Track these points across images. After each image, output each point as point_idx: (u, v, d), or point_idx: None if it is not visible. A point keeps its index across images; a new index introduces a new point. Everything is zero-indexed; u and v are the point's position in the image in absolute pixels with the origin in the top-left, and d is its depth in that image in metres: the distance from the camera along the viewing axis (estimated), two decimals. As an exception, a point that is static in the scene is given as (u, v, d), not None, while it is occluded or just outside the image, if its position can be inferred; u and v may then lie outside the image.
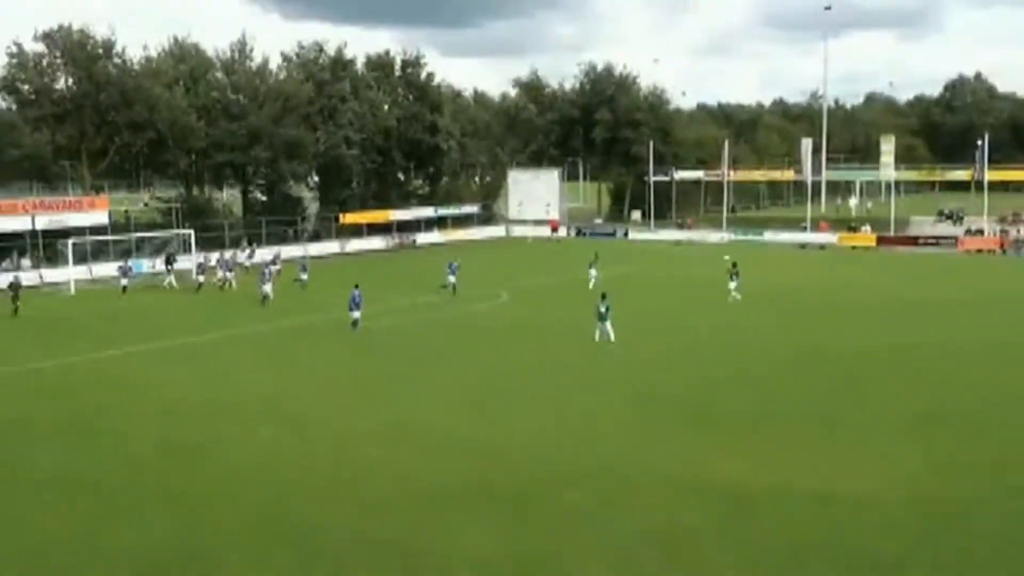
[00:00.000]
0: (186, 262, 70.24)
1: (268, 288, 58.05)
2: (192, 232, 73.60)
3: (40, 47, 79.23)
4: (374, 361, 41.69)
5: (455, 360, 41.61)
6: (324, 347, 44.93)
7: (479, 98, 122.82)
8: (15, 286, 56.02)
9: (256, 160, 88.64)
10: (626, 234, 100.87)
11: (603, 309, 43.37)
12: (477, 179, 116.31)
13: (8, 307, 54.18)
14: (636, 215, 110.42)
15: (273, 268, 63.41)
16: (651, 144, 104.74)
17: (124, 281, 64.53)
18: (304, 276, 64.75)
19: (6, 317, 53.57)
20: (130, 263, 67.78)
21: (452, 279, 60.96)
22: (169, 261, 69.16)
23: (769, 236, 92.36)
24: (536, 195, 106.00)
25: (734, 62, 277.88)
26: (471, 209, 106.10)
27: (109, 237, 72.96)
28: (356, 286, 49.55)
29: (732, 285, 55.85)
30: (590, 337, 43.98)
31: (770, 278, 64.90)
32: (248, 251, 79.41)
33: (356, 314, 47.91)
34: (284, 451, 29.32)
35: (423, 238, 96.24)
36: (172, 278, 67.21)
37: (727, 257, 58.17)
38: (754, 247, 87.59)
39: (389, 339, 46.44)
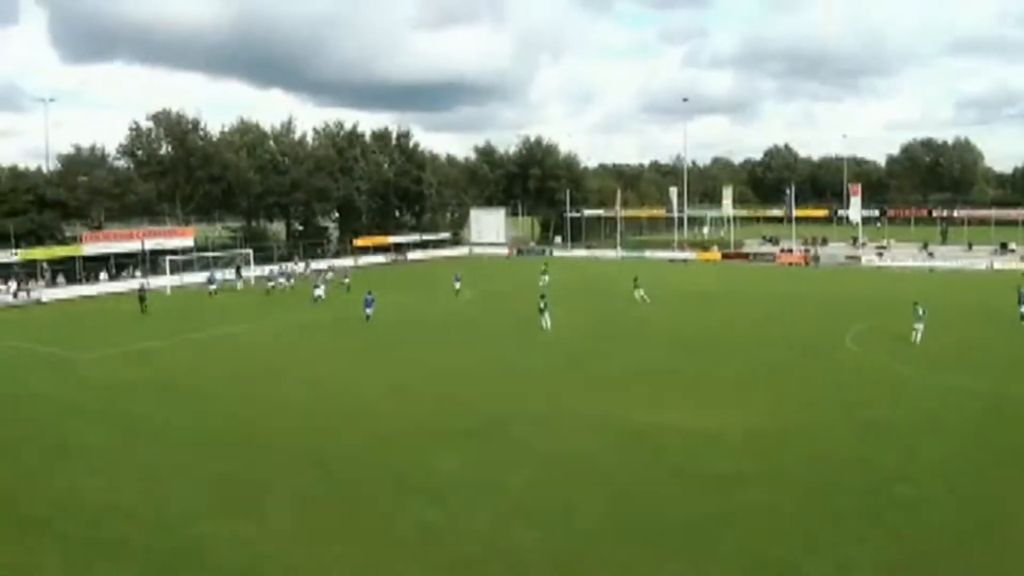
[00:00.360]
0: (248, 271, 70.22)
1: (321, 291, 56.76)
2: (251, 252, 73.45)
3: (150, 124, 79.82)
4: (381, 342, 40.88)
5: (438, 340, 41.40)
6: (348, 332, 43.97)
7: (451, 160, 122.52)
8: (142, 291, 55.35)
9: (295, 202, 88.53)
10: (551, 252, 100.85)
11: (542, 305, 42.80)
12: (449, 214, 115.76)
13: (137, 305, 53.45)
14: (558, 239, 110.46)
15: (329, 276, 64.29)
16: (568, 191, 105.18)
17: (212, 287, 63.06)
18: (347, 281, 64.67)
19: (136, 313, 52.74)
20: (215, 272, 67.06)
21: (457, 285, 59.85)
22: (239, 271, 69.13)
23: (649, 254, 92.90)
24: (489, 226, 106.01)
25: (623, 136, 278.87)
26: (445, 235, 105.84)
27: (194, 255, 72.62)
28: (369, 291, 49.30)
29: (639, 293, 53.13)
30: (535, 323, 43.02)
31: (653, 281, 64.11)
32: (304, 264, 79.04)
33: (369, 311, 46.80)
34: (313, 402, 29.25)
35: (412, 255, 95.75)
36: (240, 282, 67.09)
37: (636, 277, 56.69)
38: (639, 262, 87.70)
39: (393, 327, 45.42)
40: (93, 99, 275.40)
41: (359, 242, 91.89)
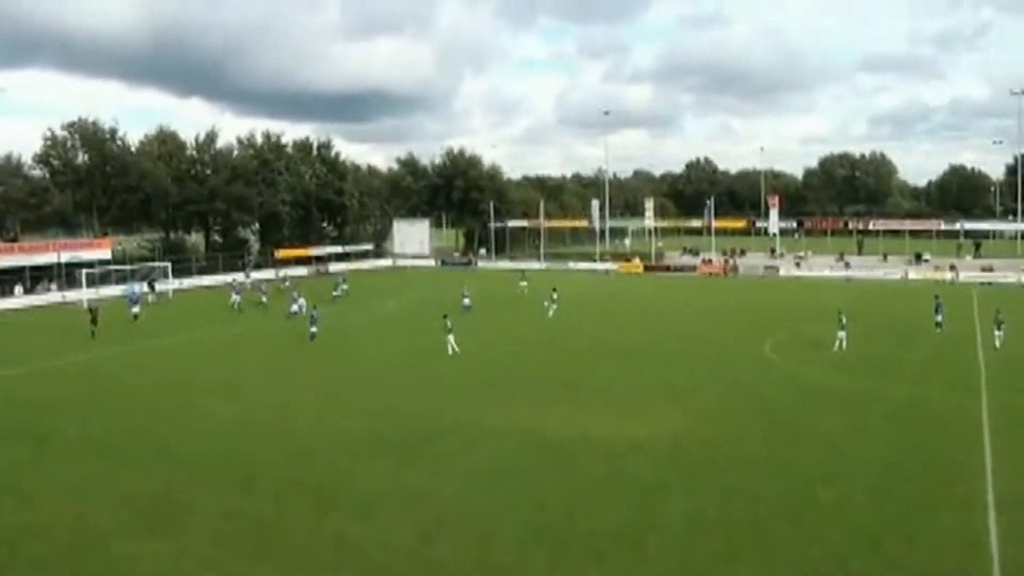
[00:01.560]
0: (164, 284, 68.93)
1: (297, 306, 52.91)
2: (169, 264, 71.74)
3: (65, 133, 77.98)
4: (310, 353, 40.57)
5: (362, 350, 40.93)
6: (281, 345, 43.24)
7: (373, 171, 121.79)
8: (93, 308, 50.19)
9: (214, 211, 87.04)
10: (476, 264, 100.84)
11: (449, 324, 39.97)
12: (371, 226, 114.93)
13: (84, 321, 49.76)
14: (483, 251, 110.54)
15: (285, 285, 64.27)
16: (492, 203, 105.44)
17: (134, 308, 54.75)
18: (345, 287, 64.88)
19: (56, 327, 50.94)
20: (134, 286, 64.44)
21: (467, 301, 55.69)
22: (151, 284, 67.50)
23: (572, 265, 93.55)
24: (413, 237, 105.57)
25: (545, 148, 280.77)
26: (367, 247, 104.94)
27: (111, 267, 70.72)
28: (315, 306, 47.95)
29: (552, 306, 53.26)
30: (459, 338, 42.19)
31: (574, 293, 64.16)
32: (245, 273, 77.87)
33: (314, 329, 44.18)
34: (238, 416, 28.64)
35: (334, 267, 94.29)
36: (153, 296, 65.52)
37: (554, 289, 56.27)
38: (562, 273, 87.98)
39: (323, 337, 44.67)
40: (8, 106, 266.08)
41: (281, 253, 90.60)
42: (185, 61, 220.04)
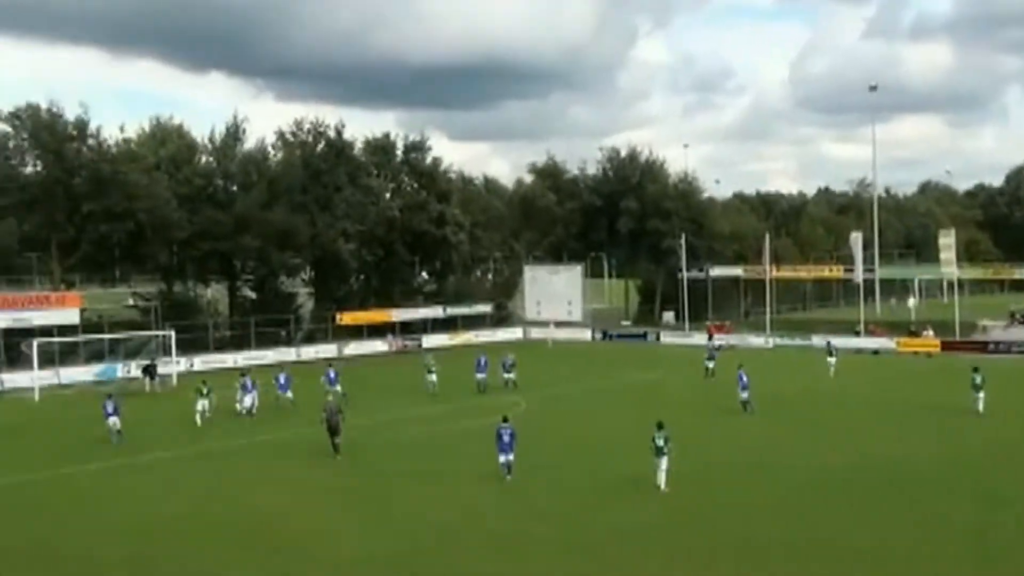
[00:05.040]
0: (166, 366, 69.74)
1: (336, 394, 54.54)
2: (173, 333, 72.32)
3: (5, 127, 78.76)
4: (360, 480, 40.69)
5: (449, 487, 39.22)
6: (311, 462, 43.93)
7: (491, 185, 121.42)
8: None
9: (244, 250, 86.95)
10: (658, 337, 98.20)
11: (660, 442, 38.53)
12: (490, 275, 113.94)
13: None
14: (668, 316, 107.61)
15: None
16: (683, 237, 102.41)
17: (112, 420, 49.57)
18: (433, 377, 63.49)
19: None
20: (114, 366, 65.59)
21: (510, 376, 63.59)
22: (149, 368, 68.02)
23: (817, 341, 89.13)
24: (556, 293, 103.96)
25: (770, 146, 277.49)
26: (483, 308, 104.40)
27: (80, 338, 71.84)
28: (339, 408, 46.77)
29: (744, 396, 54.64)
30: (630, 461, 41.28)
31: (818, 388, 63.61)
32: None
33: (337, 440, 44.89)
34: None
35: (429, 340, 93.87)
36: (151, 384, 66.55)
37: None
38: (800, 352, 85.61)
39: (381, 455, 45.12)
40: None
41: (345, 318, 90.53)
42: (199, 15, 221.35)
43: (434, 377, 62.90)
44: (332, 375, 59.55)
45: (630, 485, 38.07)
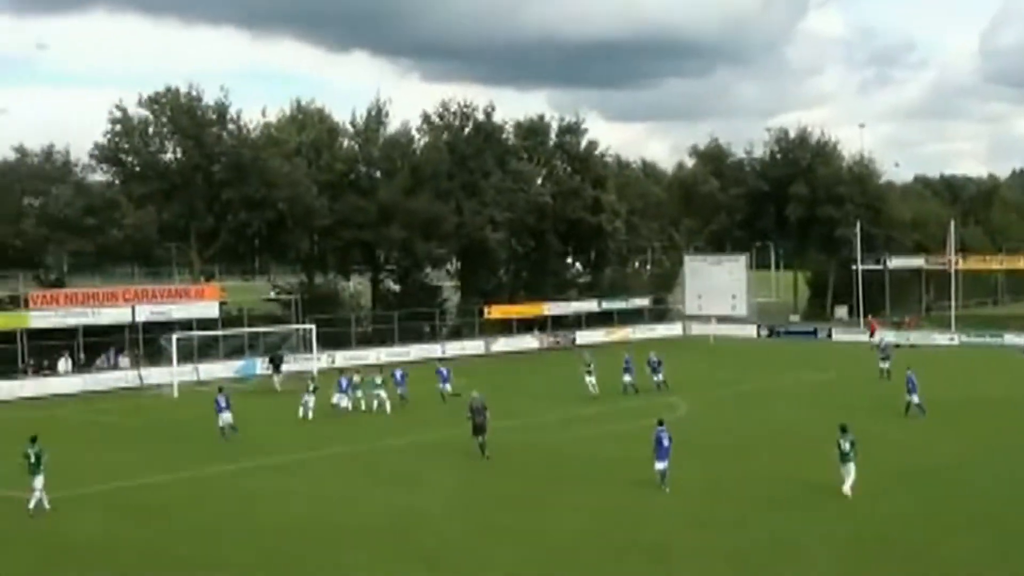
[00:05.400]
0: (296, 363, 70.99)
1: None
2: (314, 327, 73.18)
3: (145, 112, 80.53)
4: (509, 484, 40.42)
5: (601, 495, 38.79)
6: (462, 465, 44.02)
7: (649, 169, 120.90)
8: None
9: (387, 239, 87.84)
10: (829, 335, 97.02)
11: (846, 447, 37.81)
12: (648, 266, 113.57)
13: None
14: (841, 312, 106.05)
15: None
16: (858, 225, 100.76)
17: (225, 417, 50.69)
18: (592, 378, 61.98)
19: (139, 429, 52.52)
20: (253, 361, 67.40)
21: (659, 376, 62.72)
22: (275, 361, 69.04)
23: (1011, 339, 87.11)
24: (718, 286, 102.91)
25: (959, 126, 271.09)
26: (641, 302, 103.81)
27: (219, 332, 73.63)
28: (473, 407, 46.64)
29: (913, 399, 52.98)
30: (801, 466, 40.93)
31: (1012, 392, 61.44)
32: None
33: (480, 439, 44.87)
34: None
35: (583, 336, 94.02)
36: (279, 379, 67.34)
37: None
38: (990, 352, 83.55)
39: (531, 458, 44.91)
40: (53, 70, 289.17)
41: (494, 311, 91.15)
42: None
43: (593, 378, 61.81)
44: (445, 373, 60.80)
45: (801, 492, 37.58)
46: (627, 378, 62.57)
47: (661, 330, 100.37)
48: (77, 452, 46.22)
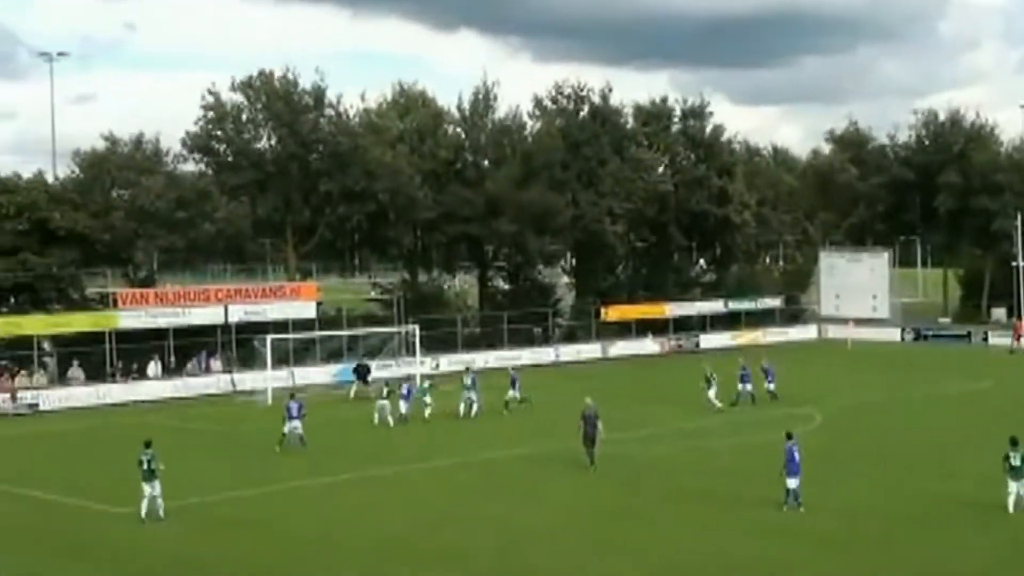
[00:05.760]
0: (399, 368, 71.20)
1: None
2: (417, 328, 73.20)
3: (238, 97, 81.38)
4: (624, 499, 40.32)
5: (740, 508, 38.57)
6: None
7: (781, 156, 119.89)
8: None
9: (496, 234, 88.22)
10: (985, 338, 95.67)
11: (1016, 462, 36.69)
12: (780, 263, 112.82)
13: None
14: (999, 313, 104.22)
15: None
16: (1019, 217, 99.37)
17: (293, 428, 51.28)
18: (714, 396, 61.05)
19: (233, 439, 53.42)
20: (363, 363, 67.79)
21: (771, 386, 62.13)
22: (361, 370, 68.52)
23: None
24: (857, 285, 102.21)
25: None
26: (772, 303, 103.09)
27: (316, 334, 73.82)
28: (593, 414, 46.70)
29: None
30: (954, 483, 40.38)
31: None
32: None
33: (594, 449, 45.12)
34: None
35: (707, 340, 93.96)
36: (356, 387, 67.26)
37: None
38: None
39: (650, 471, 44.80)
40: (143, 52, 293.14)
41: (611, 312, 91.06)
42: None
43: (714, 391, 60.34)
44: (515, 377, 61.38)
45: (953, 511, 37.08)
46: (745, 387, 61.94)
47: (793, 333, 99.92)
48: (167, 462, 47.06)
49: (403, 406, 57.36)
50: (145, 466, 36.83)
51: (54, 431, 58.18)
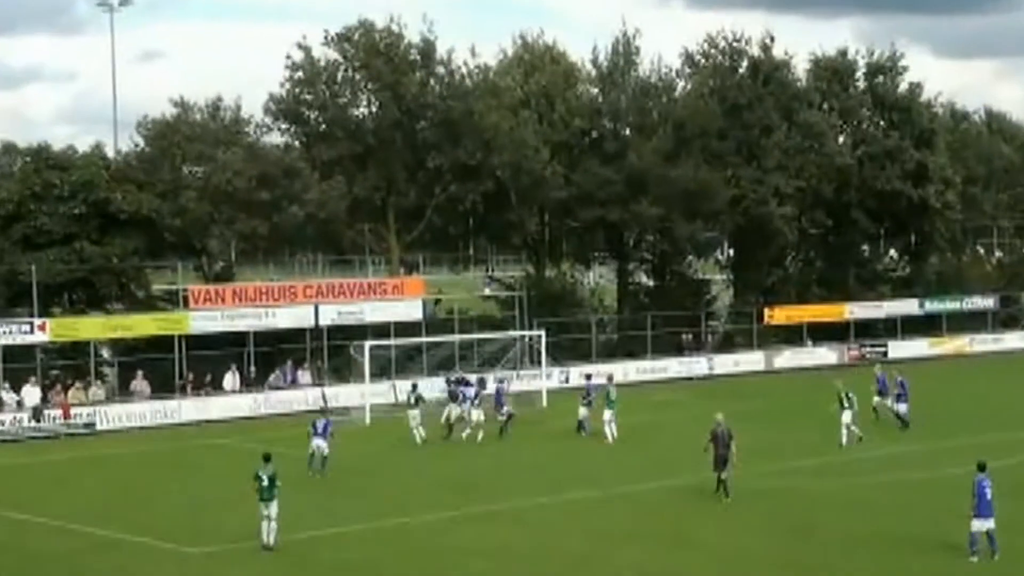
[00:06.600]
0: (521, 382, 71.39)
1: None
2: (543, 334, 73.90)
3: (333, 52, 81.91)
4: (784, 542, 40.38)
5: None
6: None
7: (996, 123, 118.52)
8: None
9: (640, 219, 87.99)
10: None
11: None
12: (993, 254, 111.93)
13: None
14: None
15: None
16: None
17: (316, 444, 53.05)
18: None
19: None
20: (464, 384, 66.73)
21: (900, 407, 60.45)
22: (456, 385, 66.48)
23: None
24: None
25: None
26: (983, 303, 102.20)
27: (423, 339, 74.28)
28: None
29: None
30: None
31: None
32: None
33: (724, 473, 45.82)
34: None
35: (897, 348, 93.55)
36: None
37: None
38: None
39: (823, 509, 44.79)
40: (214, 2, 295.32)
41: (777, 315, 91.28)
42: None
43: (850, 415, 58.08)
44: (589, 388, 61.73)
45: None
46: (901, 407, 61.57)
47: (1009, 341, 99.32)
48: (247, 493, 47.99)
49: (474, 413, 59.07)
50: (265, 482, 37.84)
51: (113, 455, 59.40)
